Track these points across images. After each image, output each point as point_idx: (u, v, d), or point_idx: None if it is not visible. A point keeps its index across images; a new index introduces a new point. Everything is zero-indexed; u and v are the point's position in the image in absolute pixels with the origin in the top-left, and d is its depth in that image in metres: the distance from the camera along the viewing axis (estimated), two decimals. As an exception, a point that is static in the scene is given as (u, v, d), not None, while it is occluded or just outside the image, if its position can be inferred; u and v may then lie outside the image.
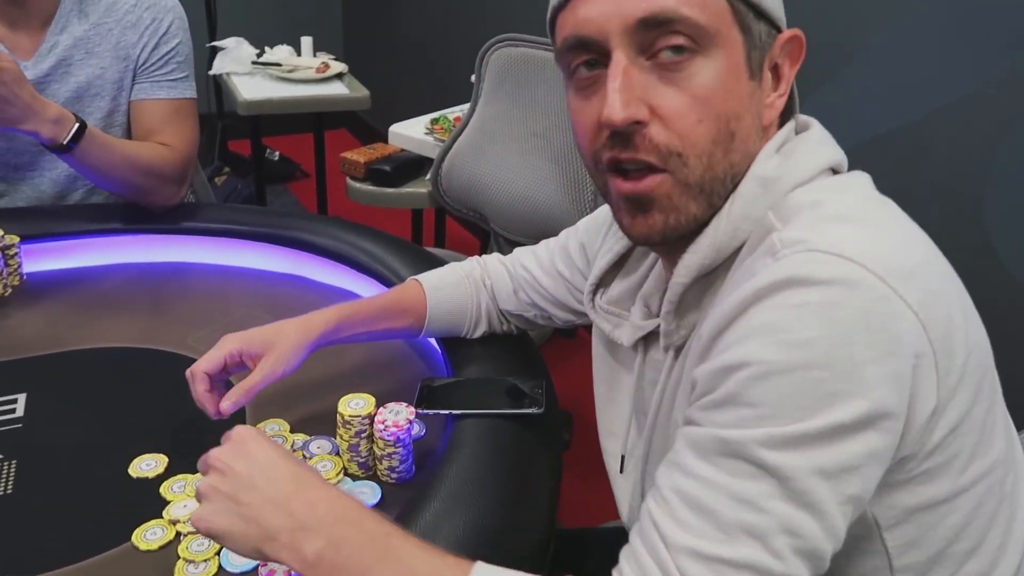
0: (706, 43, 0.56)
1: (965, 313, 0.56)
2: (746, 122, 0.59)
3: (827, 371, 0.48)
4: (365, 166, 1.97)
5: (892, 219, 0.57)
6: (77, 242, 1.23)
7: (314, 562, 0.55)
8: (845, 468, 0.49)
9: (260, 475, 0.58)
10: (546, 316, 0.92)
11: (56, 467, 0.83)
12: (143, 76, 1.31)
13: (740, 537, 0.49)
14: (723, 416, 0.52)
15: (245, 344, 0.80)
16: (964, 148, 1.35)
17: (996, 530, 0.59)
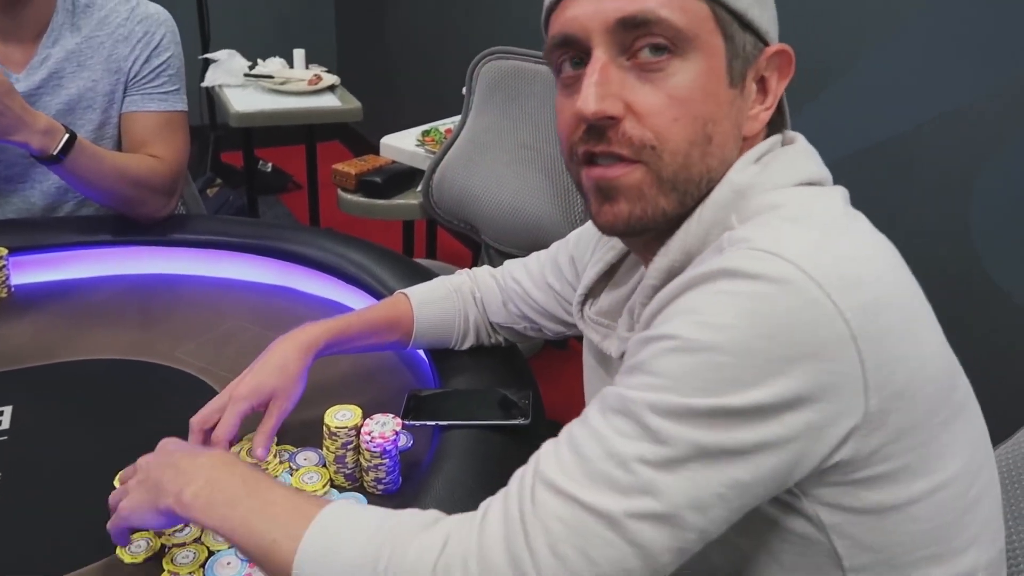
0: (685, 46, 0.58)
1: (919, 331, 0.56)
2: (724, 128, 0.60)
3: (732, 358, 0.50)
4: (356, 178, 1.98)
5: (852, 230, 0.57)
6: (65, 254, 1.23)
7: (190, 502, 0.62)
8: (728, 451, 0.50)
9: (166, 455, 0.68)
10: (536, 328, 0.92)
11: (42, 479, 0.83)
12: (134, 88, 1.32)
13: (602, 487, 0.51)
14: (630, 379, 0.54)
15: (255, 399, 0.81)
16: (953, 160, 1.36)
17: (959, 540, 0.59)
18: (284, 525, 0.58)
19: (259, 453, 0.80)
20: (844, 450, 0.53)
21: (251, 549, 0.59)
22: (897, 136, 1.43)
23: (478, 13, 2.71)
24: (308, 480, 0.81)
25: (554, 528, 0.51)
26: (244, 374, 0.83)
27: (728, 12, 0.58)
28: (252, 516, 0.59)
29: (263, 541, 0.58)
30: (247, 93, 2.41)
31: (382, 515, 0.58)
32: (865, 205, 1.53)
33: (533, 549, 0.51)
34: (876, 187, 1.48)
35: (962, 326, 1.38)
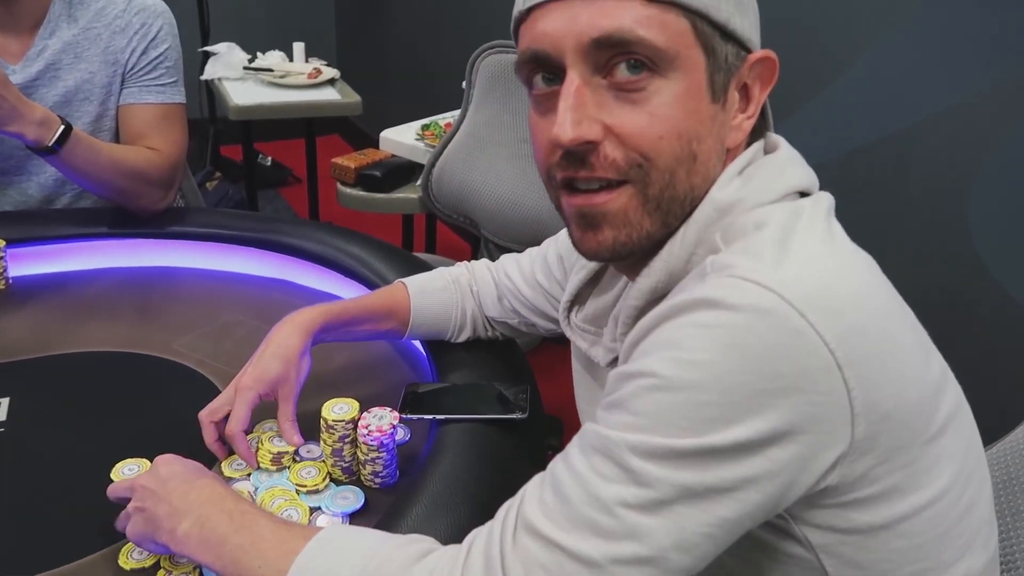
0: (665, 65, 0.55)
1: (902, 351, 0.55)
2: (707, 144, 0.58)
3: (715, 396, 0.49)
4: (356, 172, 1.97)
5: (833, 251, 0.56)
6: (63, 246, 1.23)
7: (183, 539, 0.63)
8: (714, 489, 0.50)
9: (161, 485, 0.68)
10: (529, 324, 0.92)
11: (39, 472, 0.82)
12: (132, 80, 1.31)
13: (584, 532, 0.50)
14: (611, 417, 0.53)
15: (262, 388, 0.81)
16: (948, 159, 1.36)
17: (949, 552, 0.59)
18: (272, 561, 0.59)
19: (296, 440, 0.81)
20: (831, 476, 0.52)
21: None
22: (892, 135, 1.43)
23: (478, 7, 2.71)
24: (306, 475, 0.81)
25: (536, 575, 0.51)
26: (247, 365, 0.84)
27: (710, 24, 0.56)
28: (240, 553, 0.60)
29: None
30: (246, 86, 2.40)
31: (367, 549, 0.57)
32: (860, 205, 1.53)
33: None
34: (872, 186, 1.47)
35: (959, 324, 1.38)
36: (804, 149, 0.65)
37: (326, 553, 0.57)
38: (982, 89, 1.29)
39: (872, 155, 1.47)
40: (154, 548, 0.69)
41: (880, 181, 1.47)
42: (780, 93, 0.65)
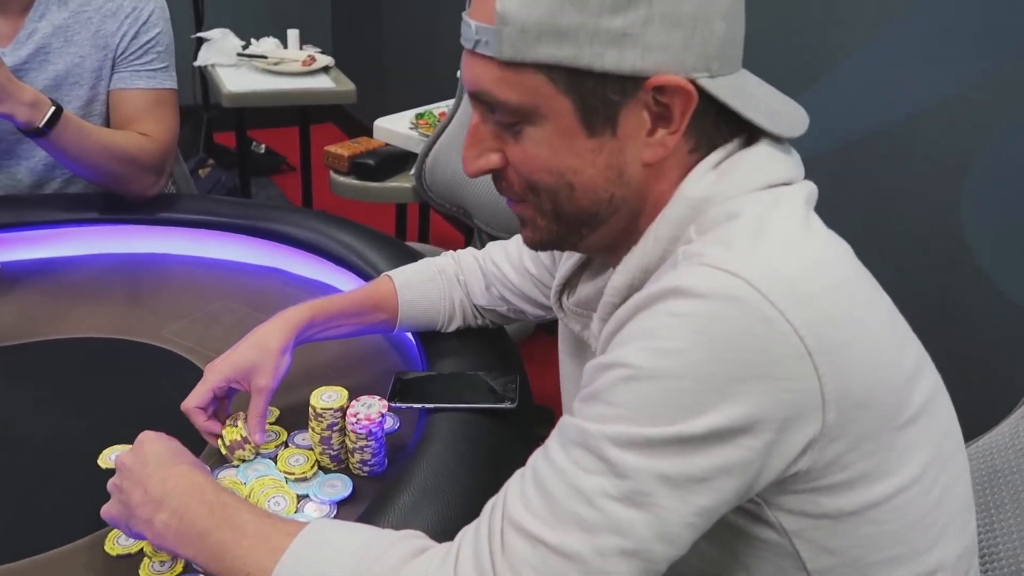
0: (528, 117, 0.59)
1: (875, 341, 0.55)
2: (588, 173, 0.60)
3: (689, 384, 0.50)
4: (349, 160, 1.97)
5: (808, 241, 0.56)
6: (53, 231, 1.22)
7: (161, 531, 0.62)
8: (692, 479, 0.50)
9: (140, 467, 0.66)
10: (518, 311, 0.92)
11: (26, 457, 0.82)
12: (122, 65, 1.30)
13: (569, 526, 0.51)
14: (589, 409, 0.54)
15: (230, 373, 0.81)
16: (944, 151, 1.36)
17: (923, 540, 0.59)
18: (256, 559, 0.57)
19: (257, 439, 0.80)
20: (802, 461, 0.53)
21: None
22: (885, 129, 1.43)
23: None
24: (294, 463, 0.81)
25: (525, 574, 0.51)
26: (225, 353, 0.83)
27: (571, 73, 0.57)
28: (222, 549, 0.59)
29: (235, 574, 0.58)
30: (240, 73, 2.39)
31: (356, 548, 0.56)
32: (853, 198, 1.53)
33: None
34: (867, 178, 1.48)
35: (951, 316, 1.38)
36: (797, 142, 0.65)
37: (313, 552, 0.56)
38: (975, 82, 1.29)
39: (865, 148, 1.47)
40: (130, 533, 0.67)
41: (873, 174, 1.47)
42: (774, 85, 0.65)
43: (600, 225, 0.63)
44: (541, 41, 0.56)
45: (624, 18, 0.55)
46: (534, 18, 0.55)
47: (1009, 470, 0.73)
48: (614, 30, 0.55)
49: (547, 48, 0.56)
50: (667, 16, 0.55)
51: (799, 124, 0.63)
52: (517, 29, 0.56)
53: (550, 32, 0.55)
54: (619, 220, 0.63)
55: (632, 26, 0.55)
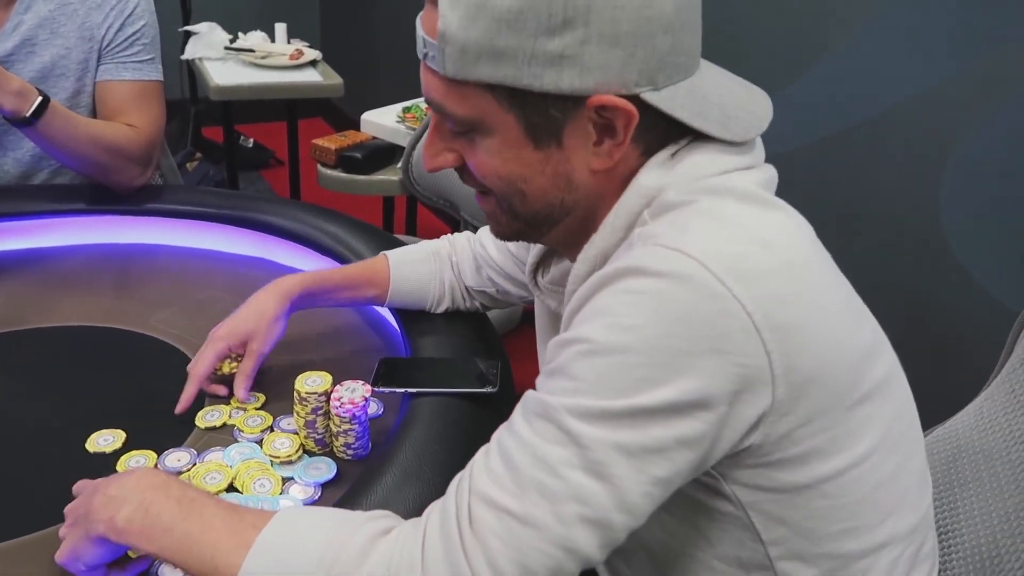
0: (477, 128, 0.61)
1: (827, 320, 0.57)
2: (538, 181, 0.62)
3: (643, 357, 0.52)
4: (336, 153, 1.98)
5: (761, 222, 0.58)
6: (40, 222, 1.23)
7: (125, 527, 0.60)
8: (648, 449, 0.53)
9: (95, 484, 0.66)
10: (503, 291, 0.94)
11: (14, 441, 0.84)
12: (108, 57, 1.31)
13: (532, 495, 0.53)
14: (551, 383, 0.56)
15: (231, 339, 0.88)
16: (922, 143, 1.38)
17: (874, 514, 0.62)
18: (224, 553, 0.57)
19: (241, 396, 0.85)
20: (754, 435, 0.56)
21: (193, 572, 0.59)
22: (866, 121, 1.46)
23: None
24: (279, 446, 0.83)
25: (492, 544, 0.53)
26: (225, 320, 0.89)
27: (512, 92, 0.58)
28: (190, 542, 0.58)
29: (204, 568, 0.58)
30: (227, 67, 2.38)
31: (326, 536, 0.56)
32: (835, 189, 1.55)
33: (473, 566, 0.53)
34: (846, 171, 1.50)
35: (926, 306, 1.41)
36: (777, 137, 0.66)
37: (281, 542, 0.57)
38: (951, 77, 1.31)
39: (843, 141, 1.50)
40: (93, 556, 0.63)
41: (852, 167, 1.50)
42: (754, 79, 0.66)
43: (556, 225, 0.66)
44: (481, 61, 0.57)
45: (561, 40, 0.55)
46: (473, 39, 0.56)
47: (972, 450, 0.75)
48: (551, 52, 0.56)
49: (487, 68, 0.57)
50: (605, 36, 0.56)
51: (757, 122, 0.63)
52: (457, 48, 0.57)
53: (488, 53, 0.57)
54: (574, 220, 0.65)
55: (569, 47, 0.56)
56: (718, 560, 0.63)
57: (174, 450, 0.82)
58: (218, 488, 0.77)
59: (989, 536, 0.68)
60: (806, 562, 0.61)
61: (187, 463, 0.81)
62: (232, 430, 0.86)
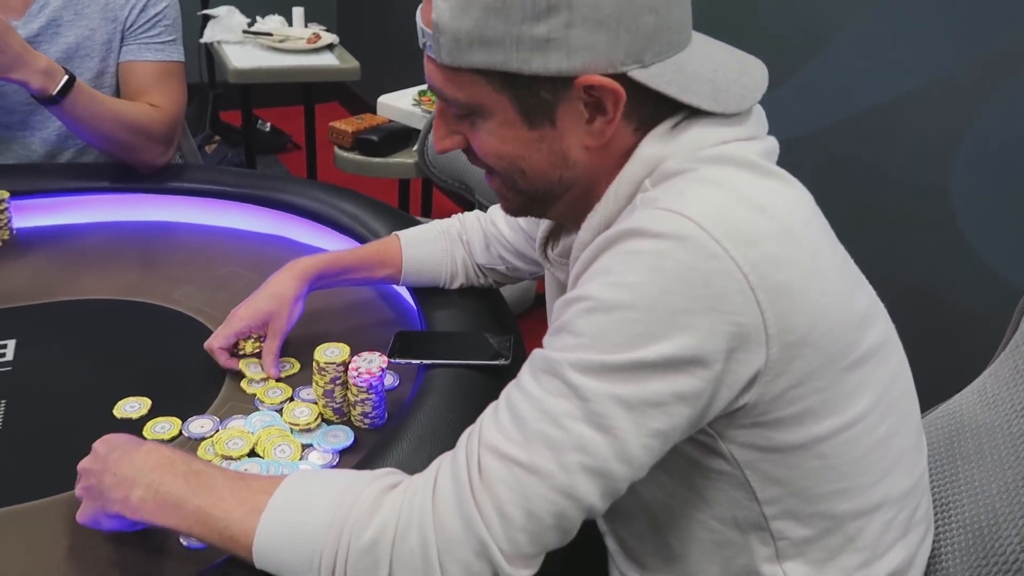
0: (476, 111, 0.64)
1: (820, 285, 0.58)
2: (535, 159, 0.65)
3: (642, 314, 0.54)
4: (353, 135, 2.00)
5: (759, 188, 0.59)
6: (66, 199, 1.26)
7: (139, 507, 0.63)
8: (647, 402, 0.55)
9: (104, 458, 0.67)
10: (514, 268, 0.97)
11: (44, 408, 0.87)
12: (131, 38, 1.34)
13: (537, 445, 0.55)
14: (556, 340, 0.59)
15: (251, 320, 0.91)
16: (934, 126, 1.39)
17: (867, 476, 0.64)
18: (237, 520, 0.59)
19: (272, 372, 0.90)
20: (750, 394, 0.57)
21: (210, 542, 0.61)
22: (876, 107, 1.46)
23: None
24: (299, 414, 0.85)
25: (500, 492, 0.55)
26: (245, 300, 0.92)
27: (504, 76, 0.60)
28: (203, 515, 0.61)
29: (220, 537, 0.60)
30: (246, 50, 2.41)
31: (336, 496, 0.58)
32: (846, 174, 1.55)
33: (483, 512, 0.55)
34: (857, 157, 1.50)
35: (937, 287, 1.42)
36: (790, 120, 0.67)
37: (292, 504, 0.59)
38: (966, 61, 1.31)
39: (857, 125, 1.50)
40: (111, 525, 0.67)
41: (863, 153, 1.50)
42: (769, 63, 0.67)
43: (558, 200, 0.68)
44: (473, 49, 0.60)
45: (546, 25, 0.58)
46: (464, 28, 0.59)
47: (975, 424, 0.76)
48: (537, 36, 0.58)
49: (479, 55, 0.60)
50: (588, 19, 0.58)
51: (750, 93, 0.64)
52: (450, 38, 0.60)
53: (479, 41, 0.59)
54: (575, 194, 0.67)
55: (555, 31, 0.58)
56: (715, 520, 0.65)
57: (197, 417, 0.85)
58: (240, 453, 0.80)
59: (988, 505, 0.69)
60: (800, 521, 0.64)
61: (210, 429, 0.84)
62: (253, 399, 0.89)
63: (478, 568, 0.55)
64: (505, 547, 0.55)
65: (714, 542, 0.66)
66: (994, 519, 0.67)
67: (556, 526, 0.56)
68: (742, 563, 0.66)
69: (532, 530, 0.55)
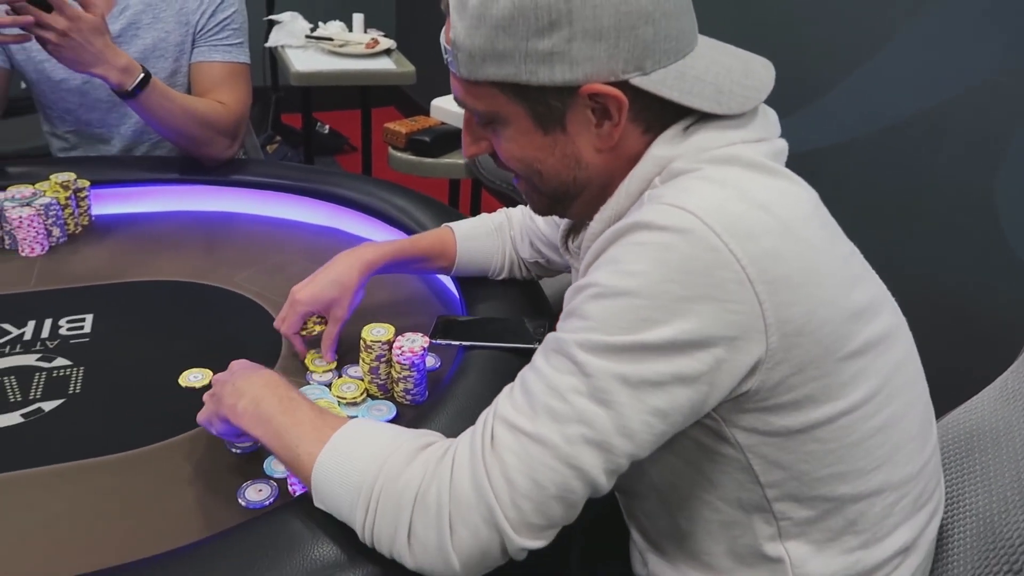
0: (496, 120, 0.69)
1: (817, 278, 0.61)
2: (550, 162, 0.70)
3: (645, 300, 0.58)
4: (406, 136, 2.07)
5: (761, 186, 0.63)
6: (139, 189, 1.36)
7: (241, 414, 0.73)
8: (647, 381, 0.59)
9: (231, 372, 0.79)
10: (549, 261, 1.02)
11: (117, 375, 0.95)
12: (202, 40, 1.44)
13: (543, 418, 0.60)
14: (566, 324, 0.64)
15: (314, 304, 0.96)
16: (979, 136, 1.39)
17: (867, 460, 0.66)
18: (307, 443, 0.67)
19: (329, 357, 0.95)
20: (751, 381, 0.61)
21: (282, 458, 0.69)
22: (925, 110, 1.46)
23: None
24: (346, 389, 0.92)
25: (508, 460, 0.60)
26: (307, 281, 0.96)
27: (515, 87, 0.65)
28: (283, 431, 0.69)
29: (290, 454, 0.68)
30: (308, 54, 2.51)
31: (383, 442, 0.65)
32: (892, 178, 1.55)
33: (492, 479, 0.60)
34: (903, 161, 1.51)
35: (980, 294, 1.41)
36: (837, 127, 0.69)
37: (348, 442, 0.66)
38: (1011, 69, 1.31)
39: (902, 131, 1.51)
40: (220, 427, 0.77)
41: (909, 156, 1.50)
42: (813, 71, 0.70)
43: (575, 199, 0.73)
44: (486, 63, 0.65)
45: (550, 40, 0.63)
46: (477, 44, 0.65)
47: (994, 419, 0.78)
48: (542, 50, 0.63)
49: (492, 69, 0.65)
50: (588, 32, 0.62)
51: (753, 94, 0.67)
52: (466, 54, 0.66)
53: (491, 56, 0.65)
54: (590, 193, 0.72)
55: (557, 45, 0.63)
56: (721, 501, 0.69)
57: (254, 388, 0.92)
58: (291, 421, 0.86)
59: (999, 494, 0.71)
60: (801, 503, 0.67)
61: (265, 399, 0.90)
62: (306, 374, 0.95)
63: (486, 535, 0.60)
64: (511, 514, 0.59)
65: (720, 522, 0.70)
66: (1004, 507, 0.69)
67: (559, 497, 0.60)
68: (747, 542, 0.69)
69: (536, 499, 0.59)
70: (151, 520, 0.75)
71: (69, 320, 1.04)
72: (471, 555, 0.60)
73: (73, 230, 1.26)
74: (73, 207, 1.25)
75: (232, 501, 0.77)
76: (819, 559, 0.68)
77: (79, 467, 0.81)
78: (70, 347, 0.98)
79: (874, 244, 0.77)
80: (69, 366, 0.95)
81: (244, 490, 0.78)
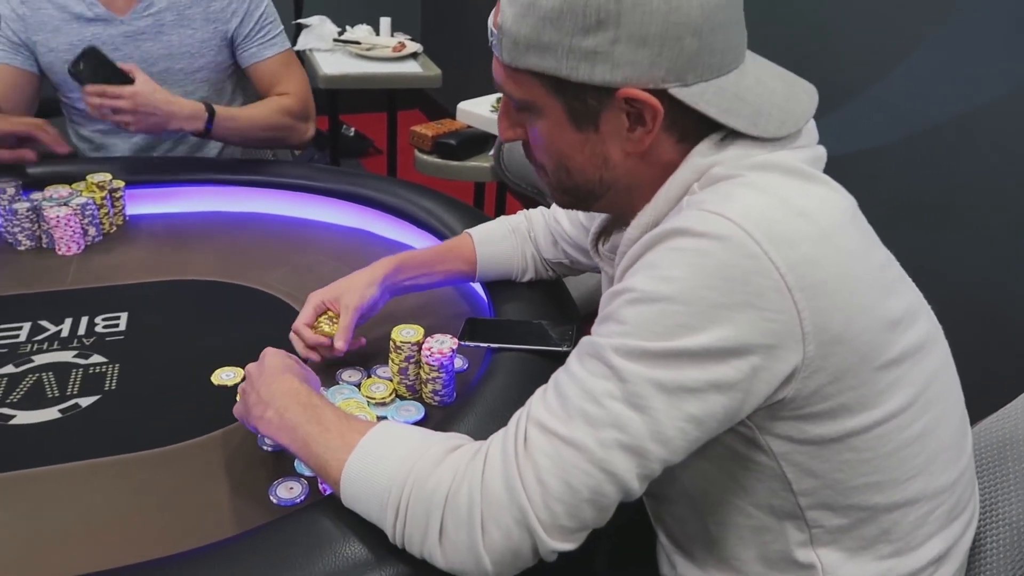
0: (531, 109, 0.69)
1: (855, 286, 0.61)
2: (578, 160, 0.70)
3: (682, 306, 0.58)
4: (432, 139, 2.09)
5: (801, 193, 0.62)
6: (173, 190, 1.38)
7: (268, 424, 0.74)
8: (682, 388, 0.58)
9: (257, 375, 0.79)
10: (575, 262, 1.02)
11: (151, 372, 0.97)
12: (248, 43, 1.50)
13: (578, 421, 0.60)
14: (602, 328, 0.63)
15: (324, 297, 0.97)
16: (1014, 141, 1.37)
17: (902, 470, 0.66)
18: (334, 450, 0.67)
19: (340, 346, 0.93)
20: (787, 389, 0.61)
21: (311, 466, 0.70)
22: (958, 115, 1.45)
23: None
24: (375, 390, 0.92)
25: (541, 462, 0.60)
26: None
27: (555, 81, 0.66)
28: (310, 440, 0.69)
29: (319, 461, 0.68)
30: (335, 57, 2.53)
31: (411, 445, 0.65)
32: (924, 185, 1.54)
33: (524, 480, 0.60)
34: (935, 167, 1.49)
35: (1013, 301, 1.39)
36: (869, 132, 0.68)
37: (377, 446, 0.67)
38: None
39: (933, 137, 1.49)
40: (251, 426, 0.79)
41: (941, 163, 1.49)
42: (847, 74, 0.69)
43: (599, 198, 0.73)
44: (529, 52, 0.65)
45: (594, 39, 0.63)
46: (523, 33, 0.65)
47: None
48: (586, 48, 0.63)
49: (534, 58, 0.65)
50: (634, 36, 0.62)
51: (792, 120, 0.66)
52: (511, 40, 0.66)
53: (535, 46, 0.65)
54: (615, 195, 0.72)
55: (601, 45, 0.63)
56: (752, 507, 0.68)
57: (284, 387, 0.93)
58: (321, 420, 0.87)
59: (1035, 503, 0.70)
60: (834, 512, 0.66)
61: (295, 398, 0.91)
62: (335, 373, 0.96)
63: (517, 536, 0.60)
64: (543, 516, 0.59)
65: (751, 527, 0.70)
66: (1039, 516, 0.68)
67: (592, 501, 0.60)
68: (778, 548, 0.69)
69: (569, 502, 0.59)
70: (184, 516, 0.76)
71: (105, 318, 1.06)
72: (503, 556, 0.60)
73: (108, 229, 1.28)
74: (108, 207, 1.27)
75: (263, 498, 0.78)
76: (851, 566, 0.67)
77: (114, 462, 0.82)
78: (106, 344, 1.00)
79: (907, 250, 0.77)
80: (105, 363, 0.97)
81: (275, 488, 0.79)
